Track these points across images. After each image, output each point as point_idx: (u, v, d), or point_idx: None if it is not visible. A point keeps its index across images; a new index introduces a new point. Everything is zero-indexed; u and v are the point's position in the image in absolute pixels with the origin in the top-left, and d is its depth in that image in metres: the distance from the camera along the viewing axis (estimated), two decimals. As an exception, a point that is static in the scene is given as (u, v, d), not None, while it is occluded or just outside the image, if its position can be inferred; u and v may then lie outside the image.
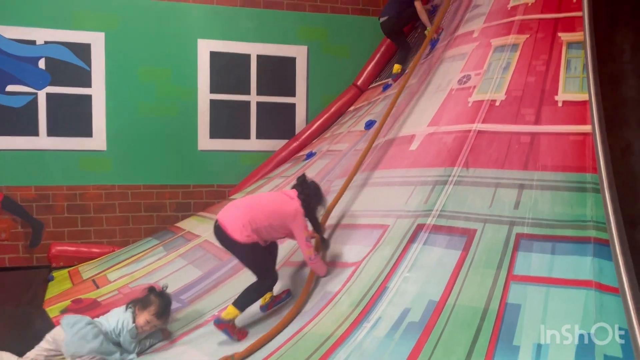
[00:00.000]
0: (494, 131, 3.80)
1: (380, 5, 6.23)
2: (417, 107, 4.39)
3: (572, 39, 4.06)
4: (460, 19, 5.00)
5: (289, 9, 5.98)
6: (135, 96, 5.59)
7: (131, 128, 5.54)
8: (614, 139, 3.16)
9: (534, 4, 4.46)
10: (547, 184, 3.35)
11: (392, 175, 3.93)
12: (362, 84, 6.07)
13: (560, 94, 3.83)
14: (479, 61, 4.32)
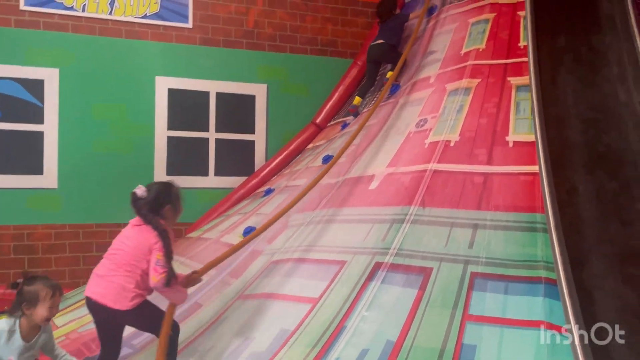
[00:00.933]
0: (448, 171, 3.90)
1: (338, 47, 6.40)
2: (377, 149, 4.48)
3: (521, 83, 4.26)
4: (418, 65, 5.18)
5: (248, 48, 6.05)
6: (90, 133, 5.47)
7: (84, 165, 5.39)
8: (560, 180, 3.29)
9: (484, 50, 4.68)
10: (499, 223, 3.44)
11: (351, 213, 3.96)
12: (321, 122, 6.15)
13: (510, 135, 3.98)
14: (435, 105, 4.47)
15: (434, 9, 5.64)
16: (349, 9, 6.43)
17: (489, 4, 5.06)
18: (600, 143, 3.63)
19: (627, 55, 4.11)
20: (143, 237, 2.85)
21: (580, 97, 3.96)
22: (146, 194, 2.94)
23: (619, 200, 3.24)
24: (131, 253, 2.85)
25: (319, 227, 3.96)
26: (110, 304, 2.80)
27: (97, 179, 5.44)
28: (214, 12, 5.93)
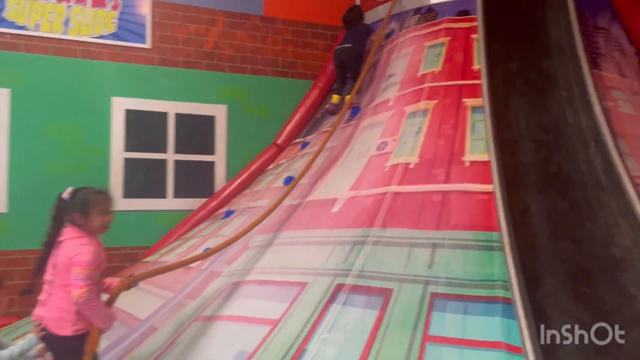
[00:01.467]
0: (408, 192, 3.95)
1: (299, 68, 6.45)
2: (340, 172, 4.50)
3: (476, 104, 4.38)
4: (378, 88, 5.26)
5: (208, 69, 6.02)
6: (42, 154, 5.29)
7: (36, 188, 5.18)
8: (514, 201, 3.38)
9: (440, 72, 4.79)
10: (458, 242, 3.48)
11: (313, 235, 3.95)
12: (282, 143, 6.15)
13: (467, 155, 4.07)
14: (395, 128, 4.54)
15: (392, 33, 5.76)
16: (309, 31, 6.50)
17: (444, 28, 5.20)
18: (551, 163, 3.77)
19: (575, 79, 4.30)
20: (65, 251, 2.70)
21: (531, 119, 4.11)
22: (70, 196, 2.80)
23: (570, 219, 3.35)
24: (61, 272, 2.69)
25: (281, 249, 3.94)
26: (52, 329, 2.67)
27: (49, 202, 5.21)
28: (172, 33, 5.88)
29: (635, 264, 2.98)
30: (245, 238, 4.36)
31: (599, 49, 4.85)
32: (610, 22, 5.22)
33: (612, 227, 3.24)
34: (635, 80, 4.76)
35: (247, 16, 6.22)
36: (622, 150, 3.80)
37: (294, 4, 6.44)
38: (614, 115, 4.21)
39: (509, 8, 4.97)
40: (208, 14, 6.04)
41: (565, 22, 4.64)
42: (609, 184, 3.51)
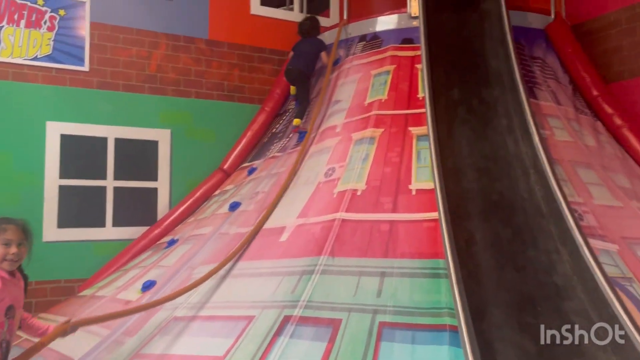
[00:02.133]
0: (356, 220, 3.94)
1: (245, 93, 6.37)
2: (287, 199, 4.43)
3: (421, 133, 4.45)
4: (325, 114, 5.27)
5: (150, 92, 5.83)
6: (-31, 183, 4.94)
7: (-39, 219, 4.82)
8: (459, 230, 3.43)
9: (387, 100, 4.86)
10: (406, 271, 3.49)
11: (260, 267, 3.84)
12: (228, 168, 6.01)
13: (413, 183, 4.12)
14: (342, 154, 4.54)
15: (338, 59, 5.81)
16: (255, 55, 6.45)
17: (389, 57, 5.30)
18: (494, 191, 3.86)
19: (514, 108, 4.46)
20: None
21: (474, 147, 4.21)
22: None
23: (513, 246, 3.42)
24: None
25: (227, 281, 3.80)
26: None
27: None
28: (113, 56, 5.68)
29: (576, 291, 3.06)
30: (188, 269, 4.21)
31: (535, 78, 5.07)
32: (545, 52, 5.48)
33: (553, 254, 3.33)
34: (569, 108, 5.00)
35: (191, 39, 6.10)
36: (560, 176, 3.95)
37: (240, 28, 6.38)
38: (552, 143, 4.39)
39: (450, 38, 5.12)
40: (150, 36, 5.88)
41: (504, 52, 4.82)
42: (548, 210, 3.62)
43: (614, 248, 3.60)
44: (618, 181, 4.22)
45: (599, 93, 5.15)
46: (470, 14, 5.28)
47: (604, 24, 5.45)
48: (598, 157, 4.46)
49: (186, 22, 6.08)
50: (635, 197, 4.12)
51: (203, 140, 6.07)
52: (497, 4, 5.10)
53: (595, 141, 4.67)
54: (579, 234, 3.28)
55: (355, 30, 5.84)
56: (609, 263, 3.44)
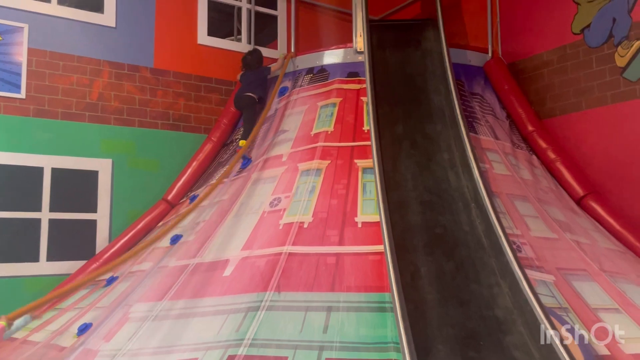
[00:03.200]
0: (303, 253, 3.91)
1: (191, 122, 6.28)
2: (231, 230, 4.34)
3: (366, 165, 4.52)
4: (270, 142, 5.25)
5: (91, 121, 5.64)
6: None
7: None
8: (404, 264, 3.47)
9: (333, 132, 4.92)
10: (352, 305, 3.49)
11: (203, 305, 3.68)
12: (172, 199, 5.86)
13: (359, 216, 4.15)
14: (288, 184, 4.53)
15: (285, 90, 5.85)
16: (202, 85, 6.39)
17: (336, 89, 5.39)
18: (438, 225, 3.94)
19: (455, 143, 4.61)
20: None
21: (418, 181, 4.31)
22: None
23: (456, 280, 3.49)
24: None
25: (168, 323, 3.62)
26: None
27: None
28: (52, 83, 5.47)
29: (516, 324, 3.15)
30: (125, 306, 4.01)
31: (475, 113, 5.28)
32: (484, 89, 5.73)
33: (494, 288, 3.42)
34: (507, 142, 5.21)
35: (136, 68, 5.98)
36: (499, 209, 4.09)
37: (186, 57, 6.32)
38: (491, 176, 4.55)
39: (394, 73, 5.28)
40: (93, 64, 5.72)
41: (445, 88, 5.01)
42: (489, 244, 3.73)
43: (551, 279, 3.73)
44: (553, 214, 4.41)
45: (534, 128, 5.42)
46: (412, 52, 5.47)
47: (538, 63, 5.77)
48: (534, 190, 4.66)
49: (131, 50, 5.96)
50: (569, 229, 4.31)
51: (146, 170, 5.90)
52: (438, 42, 5.32)
53: (531, 175, 4.88)
54: (517, 267, 3.39)
55: (302, 63, 5.92)
56: (546, 294, 3.56)
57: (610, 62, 5.08)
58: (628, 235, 4.57)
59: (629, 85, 4.92)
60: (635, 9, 4.93)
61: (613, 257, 4.19)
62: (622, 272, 4.01)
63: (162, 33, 6.19)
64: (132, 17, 6.00)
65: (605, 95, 5.11)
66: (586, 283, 3.77)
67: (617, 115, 5.00)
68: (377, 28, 5.69)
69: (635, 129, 4.84)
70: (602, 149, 5.10)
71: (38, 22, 5.44)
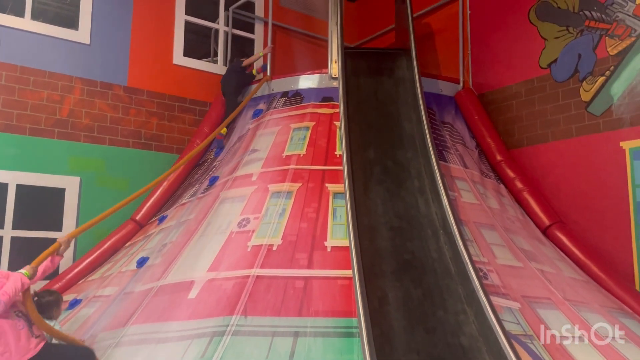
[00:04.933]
0: (271, 276, 3.87)
1: (163, 142, 6.22)
2: (197, 249, 4.28)
3: (337, 190, 4.53)
4: (240, 160, 5.22)
5: (60, 138, 5.55)
6: None
7: None
8: (372, 289, 3.46)
9: (305, 155, 4.93)
10: (319, 330, 3.46)
11: (167, 330, 3.58)
12: (141, 219, 5.75)
13: (329, 240, 4.15)
14: (258, 205, 4.50)
15: (259, 112, 5.86)
16: (176, 105, 6.36)
17: (309, 113, 5.43)
18: (406, 251, 3.96)
19: (425, 170, 4.67)
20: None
21: (387, 207, 4.33)
22: None
23: (423, 307, 3.50)
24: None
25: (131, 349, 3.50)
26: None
27: None
28: (21, 98, 5.37)
29: (481, 352, 3.16)
30: (90, 337, 3.85)
31: (445, 142, 5.37)
32: (454, 118, 5.85)
33: (460, 315, 3.44)
34: (475, 171, 5.30)
35: (109, 85, 5.93)
36: (466, 237, 4.14)
37: (161, 77, 6.30)
38: (459, 204, 4.62)
39: (367, 100, 5.35)
40: (65, 80, 5.65)
41: (417, 116, 5.09)
42: (456, 271, 3.76)
43: (516, 306, 3.78)
44: (519, 243, 4.49)
45: (502, 158, 5.54)
46: (386, 80, 5.57)
47: (507, 95, 5.93)
48: (501, 219, 4.74)
49: (104, 67, 5.92)
50: (534, 258, 4.38)
51: (115, 189, 5.80)
52: (410, 71, 5.42)
53: (499, 203, 4.97)
54: (483, 295, 3.42)
55: (278, 86, 5.96)
56: (512, 321, 3.60)
57: (575, 96, 5.26)
58: (591, 265, 4.66)
59: (593, 120, 5.09)
60: (599, 46, 5.13)
61: (576, 287, 4.26)
62: (585, 301, 4.08)
63: (137, 52, 6.16)
64: (107, 34, 5.97)
65: (570, 127, 5.28)
66: (550, 311, 3.82)
67: (581, 147, 5.15)
68: (351, 55, 5.78)
69: (599, 161, 5.00)
70: (568, 179, 5.23)
71: (10, 37, 5.38)
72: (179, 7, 6.53)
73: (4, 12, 5.48)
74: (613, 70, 5.00)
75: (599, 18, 5.18)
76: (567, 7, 5.47)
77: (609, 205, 4.85)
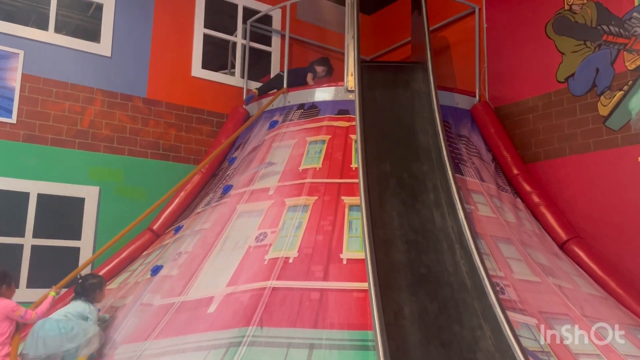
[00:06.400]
0: (287, 287, 3.89)
1: (181, 152, 6.30)
2: (216, 265, 4.31)
3: (353, 202, 4.55)
4: (256, 172, 5.26)
5: (81, 148, 5.66)
6: None
7: None
8: (388, 302, 3.46)
9: (321, 169, 4.96)
10: (334, 342, 3.46)
11: (186, 342, 3.61)
12: (158, 229, 5.81)
13: (344, 252, 4.16)
14: (275, 219, 4.53)
15: (275, 123, 5.91)
16: (194, 116, 6.46)
17: (325, 126, 5.46)
18: (422, 264, 3.96)
19: (441, 183, 4.67)
20: None
21: (403, 220, 4.34)
22: None
23: (439, 321, 3.49)
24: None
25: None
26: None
27: None
28: (44, 109, 5.50)
29: (497, 368, 3.14)
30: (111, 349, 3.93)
31: (461, 155, 5.37)
32: (470, 131, 5.85)
33: (476, 331, 3.42)
34: (492, 185, 5.29)
35: (129, 97, 6.04)
36: (482, 251, 4.13)
37: (179, 88, 6.40)
38: (475, 218, 4.60)
39: (383, 113, 5.37)
40: (86, 91, 5.77)
41: (433, 129, 5.10)
42: (472, 285, 3.75)
43: (533, 322, 3.75)
44: (536, 257, 4.45)
45: (519, 172, 5.51)
46: (402, 92, 5.59)
47: (523, 108, 5.92)
48: (517, 233, 4.71)
49: (124, 79, 6.04)
50: (552, 273, 4.34)
51: (133, 199, 5.89)
52: (427, 84, 5.44)
53: (515, 217, 4.94)
54: (500, 310, 3.40)
55: (294, 99, 6.02)
56: (529, 337, 3.57)
57: (593, 110, 5.24)
58: (609, 280, 4.61)
59: (611, 134, 5.06)
60: (617, 60, 5.11)
61: (594, 303, 4.22)
62: (603, 318, 4.03)
63: (156, 64, 6.28)
64: (127, 47, 6.09)
65: (588, 142, 5.25)
66: (568, 327, 3.78)
67: (599, 162, 5.12)
68: (368, 68, 5.82)
69: (617, 176, 4.96)
70: (585, 194, 5.19)
71: (34, 49, 5.51)
72: (198, 21, 6.64)
73: (28, 25, 5.64)
74: (631, 85, 4.97)
75: (617, 33, 5.16)
76: (584, 22, 5.47)
77: (627, 220, 4.81)
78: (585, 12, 5.47)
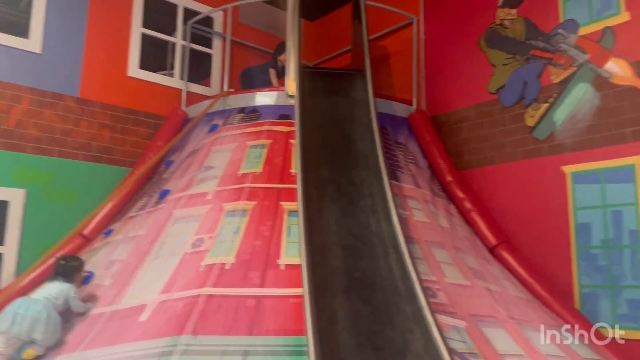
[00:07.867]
0: (223, 295, 3.84)
1: (115, 155, 6.09)
2: (150, 272, 4.19)
3: (292, 208, 4.55)
4: (193, 177, 5.17)
5: (6, 148, 5.34)
6: None
7: None
8: (322, 307, 3.49)
9: (261, 174, 4.93)
10: (269, 349, 3.44)
11: (116, 352, 3.49)
12: (89, 233, 5.57)
13: (283, 258, 4.15)
14: (212, 224, 4.46)
15: (215, 127, 5.83)
16: (130, 117, 6.25)
17: (266, 131, 5.45)
18: (357, 269, 4.01)
19: (377, 189, 4.76)
20: None
21: (341, 225, 4.38)
22: None
23: (372, 325, 3.54)
24: None
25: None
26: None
27: None
28: (-36, 107, 5.17)
29: (426, 370, 3.22)
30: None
31: (398, 162, 5.50)
32: (407, 139, 6.00)
33: (407, 334, 3.50)
34: (427, 191, 5.44)
35: (60, 96, 5.77)
36: (416, 255, 4.24)
37: (115, 89, 6.18)
38: (411, 223, 4.72)
39: (322, 119, 5.42)
40: (12, 89, 5.46)
41: (371, 136, 5.19)
42: (404, 289, 3.84)
43: (463, 325, 3.88)
44: (467, 261, 4.62)
45: (453, 179, 5.70)
46: (341, 100, 5.66)
47: (457, 117, 6.14)
48: (450, 238, 4.87)
49: (55, 77, 5.76)
50: (481, 277, 4.52)
51: (63, 203, 5.63)
52: (365, 92, 5.54)
53: (449, 223, 5.11)
54: (429, 313, 3.50)
55: (234, 102, 5.96)
56: (458, 339, 3.69)
57: (521, 121, 5.51)
58: (535, 284, 4.85)
59: (537, 144, 5.33)
60: (544, 74, 5.41)
61: (521, 305, 4.42)
62: (528, 319, 4.23)
63: (90, 62, 6.04)
64: (59, 44, 5.83)
65: (516, 151, 5.51)
66: (495, 329, 3.94)
67: (526, 170, 5.39)
68: (309, 74, 5.86)
69: (542, 184, 5.23)
70: (514, 201, 5.44)
71: (-46, 43, 5.18)
72: (136, 19, 6.45)
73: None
74: (556, 97, 5.27)
75: (543, 47, 5.46)
76: (514, 36, 5.75)
77: (551, 226, 5.08)
78: (515, 27, 5.75)
